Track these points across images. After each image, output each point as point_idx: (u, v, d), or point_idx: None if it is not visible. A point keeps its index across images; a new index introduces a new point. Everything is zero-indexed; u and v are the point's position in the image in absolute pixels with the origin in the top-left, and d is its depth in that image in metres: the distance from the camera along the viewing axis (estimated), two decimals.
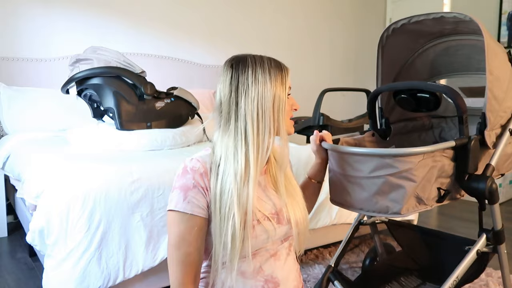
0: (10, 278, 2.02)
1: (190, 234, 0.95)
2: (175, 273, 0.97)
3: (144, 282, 1.58)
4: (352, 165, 1.20)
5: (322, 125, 2.22)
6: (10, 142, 2.27)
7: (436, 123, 1.84)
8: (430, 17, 1.47)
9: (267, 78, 0.99)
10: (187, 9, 3.56)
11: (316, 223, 2.05)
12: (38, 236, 1.47)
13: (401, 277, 1.56)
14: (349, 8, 4.61)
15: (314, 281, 1.93)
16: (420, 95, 1.40)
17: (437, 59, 1.70)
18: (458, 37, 1.60)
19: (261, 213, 1.01)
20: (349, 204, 1.26)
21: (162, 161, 1.71)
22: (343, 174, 1.24)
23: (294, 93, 1.14)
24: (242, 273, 1.01)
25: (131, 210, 1.50)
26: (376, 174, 1.16)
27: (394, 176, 1.14)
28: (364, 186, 1.19)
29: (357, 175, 1.20)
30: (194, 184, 0.96)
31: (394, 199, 1.16)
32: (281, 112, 1.00)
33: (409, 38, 1.63)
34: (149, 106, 2.11)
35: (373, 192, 1.18)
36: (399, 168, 1.13)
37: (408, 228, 1.75)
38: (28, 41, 2.88)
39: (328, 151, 1.28)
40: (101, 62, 2.11)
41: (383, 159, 1.14)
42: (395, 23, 1.56)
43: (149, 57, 3.32)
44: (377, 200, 1.18)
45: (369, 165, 1.16)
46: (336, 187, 1.29)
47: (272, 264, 1.03)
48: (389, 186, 1.15)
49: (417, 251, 1.68)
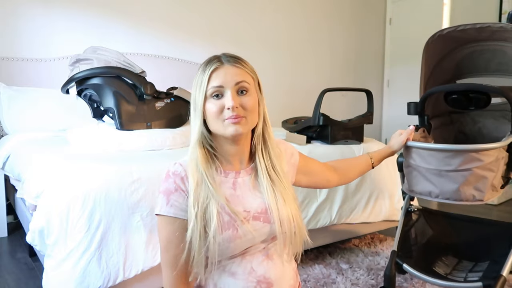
0: (10, 278, 2.02)
1: (176, 236, 0.97)
2: (167, 275, 1.00)
3: (144, 282, 1.58)
4: (442, 160, 1.41)
5: (322, 125, 2.21)
6: (10, 142, 2.26)
7: (456, 118, 2.00)
8: (476, 26, 1.65)
9: (196, 81, 1.02)
10: (187, 9, 3.56)
11: (316, 223, 2.05)
12: (38, 236, 1.47)
13: (442, 257, 1.71)
14: (349, 8, 4.61)
15: (314, 281, 1.94)
16: (473, 95, 1.59)
17: (461, 61, 1.87)
18: (487, 43, 1.77)
19: (246, 212, 1.01)
20: (435, 194, 1.47)
21: (162, 161, 1.71)
22: (430, 168, 1.44)
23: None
24: (232, 274, 1.01)
25: (131, 210, 1.50)
26: (465, 167, 1.37)
27: (480, 168, 1.37)
28: (452, 178, 1.41)
29: (446, 169, 1.41)
30: (176, 187, 0.98)
31: (478, 188, 1.40)
32: (199, 115, 1.00)
33: (445, 43, 1.79)
34: (149, 106, 2.11)
35: (461, 183, 1.40)
36: (484, 160, 1.37)
37: (439, 214, 1.93)
38: (28, 41, 2.88)
39: (412, 148, 1.49)
40: (101, 62, 2.11)
41: (471, 154, 1.36)
42: (441, 30, 1.73)
43: (149, 57, 3.32)
44: (464, 190, 1.40)
45: (458, 159, 1.38)
46: (418, 180, 1.51)
47: (264, 265, 1.03)
48: (475, 177, 1.38)
49: (449, 234, 1.86)
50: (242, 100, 1.00)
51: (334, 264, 2.12)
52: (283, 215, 1.03)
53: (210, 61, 1.01)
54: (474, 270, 1.60)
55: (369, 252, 2.28)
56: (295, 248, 1.07)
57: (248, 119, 1.01)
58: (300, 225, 1.06)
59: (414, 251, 1.75)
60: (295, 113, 2.91)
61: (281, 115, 2.81)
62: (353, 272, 2.03)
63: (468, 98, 1.60)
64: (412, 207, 1.82)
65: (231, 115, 0.97)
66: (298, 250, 1.07)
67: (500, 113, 1.89)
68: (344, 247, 2.36)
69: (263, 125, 1.06)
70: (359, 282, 1.93)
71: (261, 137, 1.06)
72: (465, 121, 2.00)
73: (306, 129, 2.31)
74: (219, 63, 1.00)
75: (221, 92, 0.99)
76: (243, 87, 1.00)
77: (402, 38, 4.70)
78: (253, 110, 1.02)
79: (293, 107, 3.33)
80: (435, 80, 1.86)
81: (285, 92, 3.98)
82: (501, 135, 1.83)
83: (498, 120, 1.90)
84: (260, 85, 1.07)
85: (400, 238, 1.69)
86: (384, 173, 2.27)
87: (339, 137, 2.26)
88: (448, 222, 1.89)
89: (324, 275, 2.00)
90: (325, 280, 1.95)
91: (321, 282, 1.93)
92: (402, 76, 4.67)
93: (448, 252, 1.73)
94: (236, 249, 0.99)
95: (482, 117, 1.95)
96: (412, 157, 1.50)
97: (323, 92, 2.24)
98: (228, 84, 0.98)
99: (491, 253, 1.62)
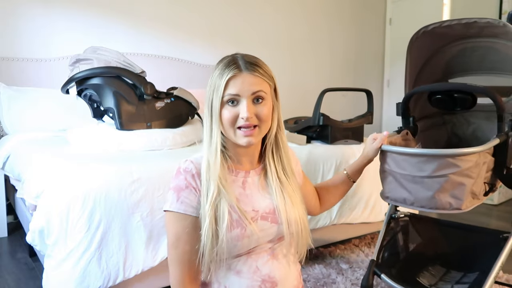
0: (10, 278, 2.02)
1: (186, 233, 0.98)
2: (174, 272, 1.00)
3: (144, 282, 1.58)
4: (415, 166, 1.29)
5: (322, 125, 2.21)
6: (10, 142, 2.26)
7: (448, 119, 1.92)
8: (462, 21, 1.54)
9: (212, 82, 1.01)
10: (187, 9, 3.55)
11: (316, 223, 2.06)
12: (38, 236, 1.47)
13: (429, 266, 1.63)
14: (349, 8, 4.61)
15: (314, 281, 1.94)
16: (457, 95, 1.50)
17: (452, 59, 1.77)
18: (477, 39, 1.67)
19: (254, 212, 1.02)
20: (409, 202, 1.36)
21: (162, 161, 1.71)
22: (404, 174, 1.33)
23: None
24: (237, 273, 1.02)
25: (131, 210, 1.50)
26: (439, 173, 1.26)
27: (456, 175, 1.25)
28: (427, 185, 1.29)
29: (420, 175, 1.29)
30: (186, 184, 0.99)
31: (455, 196, 1.27)
32: (216, 120, 1.00)
33: (432, 40, 1.69)
34: (149, 106, 2.11)
35: (436, 190, 1.28)
36: (461, 166, 1.24)
37: (428, 221, 1.84)
38: (28, 41, 2.88)
39: (387, 152, 1.37)
40: (101, 62, 2.11)
41: (447, 159, 1.24)
42: (425, 26, 1.62)
43: (149, 57, 3.32)
44: (440, 197, 1.28)
45: (432, 164, 1.26)
46: (392, 186, 1.40)
47: (269, 264, 1.04)
48: (451, 184, 1.26)
49: (438, 241, 1.77)
50: (257, 109, 1.01)
51: (334, 264, 2.12)
52: (290, 217, 1.04)
53: (228, 65, 1.00)
54: (461, 281, 1.52)
55: (369, 252, 2.28)
56: (300, 250, 1.09)
57: (261, 129, 1.03)
58: (306, 228, 1.08)
59: (398, 260, 1.66)
60: (295, 113, 2.91)
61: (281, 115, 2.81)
62: (353, 272, 2.03)
63: (453, 99, 1.51)
64: (398, 214, 1.74)
65: (245, 124, 0.99)
66: (302, 251, 1.10)
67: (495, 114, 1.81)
68: (344, 247, 2.36)
69: (276, 129, 1.08)
70: (359, 282, 1.93)
71: (273, 140, 1.08)
72: (458, 122, 1.91)
73: (306, 129, 2.31)
74: (237, 71, 0.99)
75: (237, 100, 1.00)
76: (259, 96, 1.01)
77: (402, 38, 4.66)
78: (267, 119, 1.03)
79: (293, 107, 3.32)
80: (425, 79, 1.78)
81: (285, 92, 3.96)
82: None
83: (492, 121, 1.78)
84: (276, 91, 1.08)
85: (380, 247, 1.61)
86: None
87: (339, 137, 2.26)
88: (438, 229, 1.79)
89: (324, 275, 2.00)
90: (325, 280, 1.95)
91: (321, 282, 1.93)
92: (402, 76, 4.60)
93: (436, 261, 1.64)
94: (243, 248, 1.00)
95: (477, 118, 1.85)
96: (386, 161, 1.39)
97: (323, 92, 2.24)
98: (245, 93, 0.99)
99: (481, 263, 1.53)
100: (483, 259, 1.54)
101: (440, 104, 1.58)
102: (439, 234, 1.77)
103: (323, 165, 2.07)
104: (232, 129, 1.00)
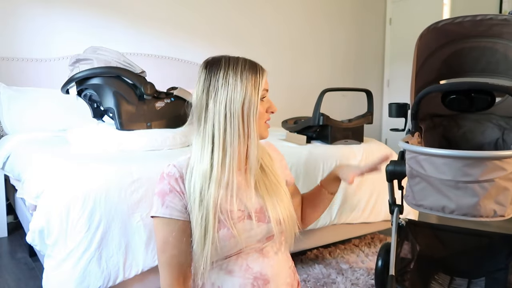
0: (10, 278, 2.02)
1: (173, 237, 0.99)
2: (163, 276, 1.02)
3: (144, 282, 1.58)
4: (460, 170, 1.18)
5: (322, 125, 2.21)
6: (10, 142, 2.26)
7: (439, 122, 1.86)
8: (477, 18, 1.47)
9: (238, 81, 0.98)
10: (187, 9, 3.56)
11: (316, 223, 2.05)
12: (38, 236, 1.47)
13: (434, 275, 1.58)
14: (349, 8, 4.61)
15: (314, 281, 1.93)
16: (475, 95, 1.42)
17: (448, 59, 1.71)
18: (478, 39, 1.61)
19: (241, 211, 1.02)
20: (449, 210, 1.23)
21: (162, 161, 1.71)
22: (445, 179, 1.21)
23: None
24: (229, 272, 1.02)
25: (131, 210, 1.50)
26: (486, 177, 1.15)
27: (502, 179, 1.15)
28: (471, 191, 1.18)
29: (464, 180, 1.18)
30: (170, 189, 0.99)
31: (500, 202, 1.18)
32: (252, 116, 0.99)
33: (437, 37, 1.61)
34: (149, 106, 2.11)
35: (482, 196, 1.17)
36: (507, 170, 1.15)
37: (425, 226, 1.78)
38: (28, 41, 2.88)
39: (420, 156, 1.24)
40: (101, 62, 2.11)
41: (494, 162, 1.14)
42: (436, 22, 1.54)
43: (149, 57, 3.32)
44: (484, 204, 1.18)
45: (479, 168, 1.15)
46: (427, 192, 1.27)
47: (260, 262, 1.04)
48: (497, 189, 1.16)
49: (435, 248, 1.71)
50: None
51: (334, 264, 2.12)
52: (278, 215, 1.04)
53: (254, 63, 1.02)
54: None
55: (369, 252, 2.28)
56: (288, 240, 1.10)
57: None
58: (294, 219, 1.09)
59: (408, 271, 1.59)
60: (295, 113, 2.91)
61: (281, 115, 2.80)
62: (353, 272, 2.03)
63: (470, 99, 1.43)
64: (400, 221, 1.64)
65: (268, 118, 1.06)
66: (289, 241, 1.10)
67: (486, 117, 1.74)
68: (344, 247, 2.36)
69: None
70: (359, 282, 1.93)
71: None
72: (449, 125, 1.83)
73: (306, 129, 2.31)
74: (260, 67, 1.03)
75: (265, 96, 1.05)
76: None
77: (402, 38, 4.70)
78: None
79: (293, 107, 3.32)
80: (418, 80, 1.71)
81: (285, 92, 3.98)
82: (487, 140, 1.71)
83: (483, 124, 1.75)
84: None
85: (396, 259, 1.48)
86: (384, 173, 2.26)
87: (339, 137, 2.26)
88: (434, 235, 1.73)
89: (324, 275, 2.00)
90: (325, 280, 1.95)
91: (321, 282, 1.93)
92: (402, 76, 4.65)
93: (438, 269, 1.60)
94: (232, 249, 1.00)
95: (468, 121, 1.80)
96: (421, 166, 1.25)
97: (323, 92, 2.24)
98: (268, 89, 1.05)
99: (486, 268, 1.47)
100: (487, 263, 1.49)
101: (455, 105, 1.49)
102: (436, 240, 1.73)
103: (323, 165, 2.07)
104: (261, 122, 1.04)
